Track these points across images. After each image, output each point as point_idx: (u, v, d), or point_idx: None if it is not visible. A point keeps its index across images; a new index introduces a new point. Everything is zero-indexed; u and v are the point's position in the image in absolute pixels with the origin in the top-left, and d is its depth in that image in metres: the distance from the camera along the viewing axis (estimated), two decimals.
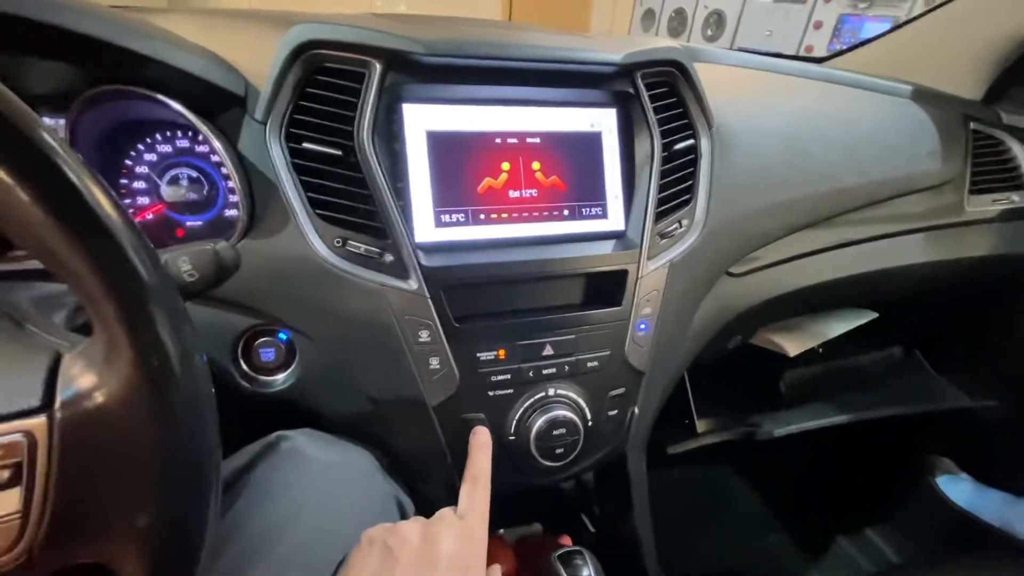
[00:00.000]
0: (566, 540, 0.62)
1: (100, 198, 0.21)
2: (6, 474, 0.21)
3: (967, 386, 0.96)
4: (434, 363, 0.48)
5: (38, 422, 0.21)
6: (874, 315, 0.93)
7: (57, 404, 0.21)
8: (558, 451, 0.51)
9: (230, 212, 0.52)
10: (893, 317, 0.95)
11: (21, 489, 0.21)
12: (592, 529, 0.72)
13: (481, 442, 0.48)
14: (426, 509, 0.49)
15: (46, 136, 0.20)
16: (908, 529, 1.00)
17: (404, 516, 0.47)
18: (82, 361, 0.22)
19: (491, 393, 0.51)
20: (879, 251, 0.74)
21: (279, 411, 0.49)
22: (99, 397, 0.21)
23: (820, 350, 0.91)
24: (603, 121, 0.55)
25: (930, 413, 0.95)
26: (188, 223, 0.52)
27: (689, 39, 3.28)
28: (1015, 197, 0.80)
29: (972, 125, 0.79)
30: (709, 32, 3.15)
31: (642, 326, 0.54)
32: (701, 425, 0.89)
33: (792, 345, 0.86)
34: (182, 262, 0.30)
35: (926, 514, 0.98)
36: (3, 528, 0.21)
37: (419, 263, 0.46)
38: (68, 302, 0.34)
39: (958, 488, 0.97)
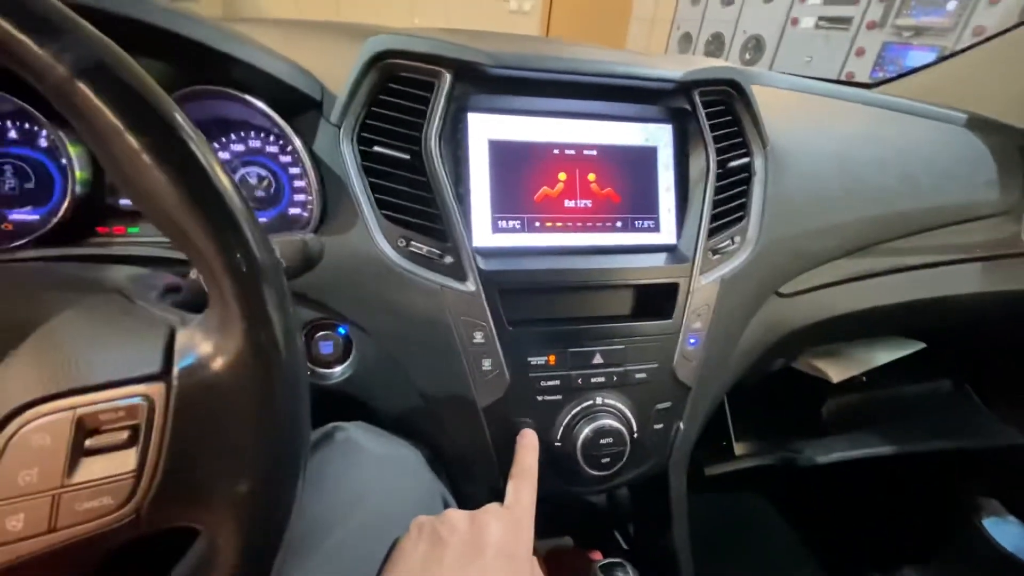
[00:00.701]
0: (596, 555, 0.62)
1: (228, 186, 0.22)
2: (125, 435, 0.23)
3: (1020, 423, 0.92)
4: (486, 364, 0.49)
5: (157, 387, 0.23)
6: (922, 345, 0.91)
7: (175, 372, 0.23)
8: (604, 460, 0.51)
9: (293, 210, 0.54)
10: (943, 348, 0.92)
11: (137, 450, 0.23)
12: (625, 546, 0.72)
13: (528, 443, 0.48)
14: (469, 508, 0.50)
15: (182, 121, 0.22)
16: (951, 571, 0.95)
17: None
18: (199, 333, 0.24)
19: (540, 398, 0.51)
20: (931, 279, 0.73)
21: (333, 403, 0.51)
22: (212, 367, 0.23)
23: (864, 378, 0.89)
24: (659, 136, 0.56)
25: (978, 450, 0.91)
26: None
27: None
28: None
29: None
30: (747, 56, 3.15)
31: (692, 340, 0.54)
32: (739, 448, 0.87)
33: (836, 371, 0.84)
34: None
35: (970, 556, 0.93)
36: (119, 486, 0.22)
37: (477, 266, 0.48)
38: (157, 284, 0.36)
39: (1005, 531, 0.93)
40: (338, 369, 0.51)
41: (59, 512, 0.22)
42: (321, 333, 0.50)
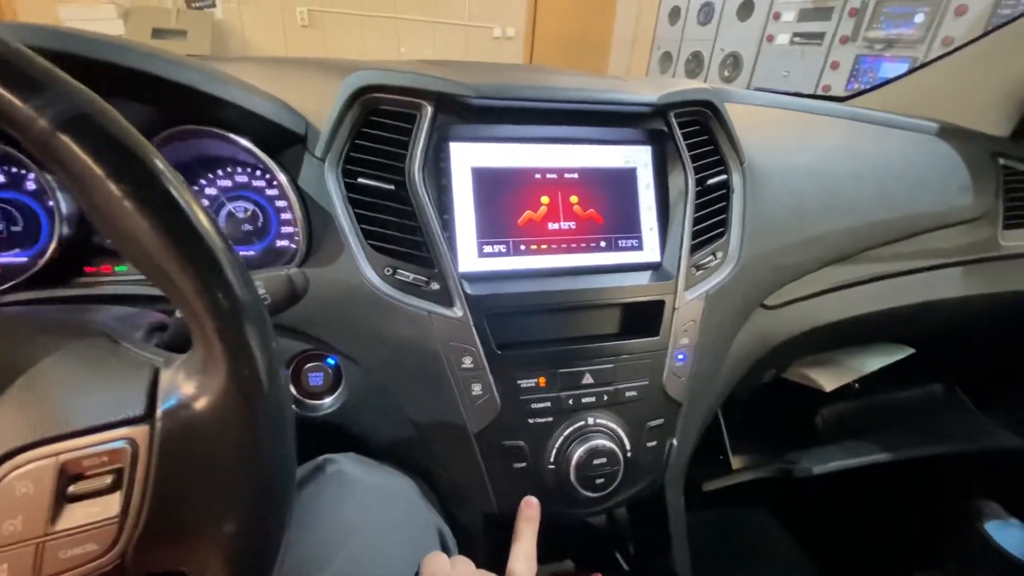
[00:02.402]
0: None
1: (208, 228, 0.23)
2: (109, 479, 0.23)
3: (1012, 425, 0.92)
4: (476, 389, 0.49)
5: (140, 430, 0.23)
6: (911, 350, 0.92)
7: (158, 414, 0.23)
8: (598, 481, 0.51)
9: (281, 243, 0.55)
10: (932, 353, 0.93)
11: (121, 494, 0.23)
12: (626, 567, 0.71)
13: (530, 516, 0.47)
14: (464, 536, 0.49)
15: (162, 166, 0.22)
16: (955, 575, 0.95)
17: (444, 544, 0.47)
18: (182, 373, 0.24)
19: (531, 421, 0.51)
20: (914, 285, 0.74)
21: (324, 435, 0.51)
22: (196, 407, 0.23)
23: (856, 385, 0.89)
24: (638, 157, 0.57)
25: (975, 453, 0.91)
26: (242, 253, 0.54)
27: (706, 80, 3.37)
28: None
29: (1001, 161, 0.80)
30: (726, 73, 3.23)
31: (680, 357, 0.55)
32: (736, 462, 0.87)
33: (827, 380, 0.85)
34: (257, 286, 0.32)
35: (973, 561, 0.93)
36: (103, 531, 0.22)
37: (463, 291, 0.48)
38: (143, 323, 0.36)
39: (1008, 534, 0.92)
40: (328, 400, 0.51)
41: (43, 561, 0.22)
42: (310, 364, 0.50)
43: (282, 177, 0.47)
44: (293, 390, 0.51)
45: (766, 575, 0.98)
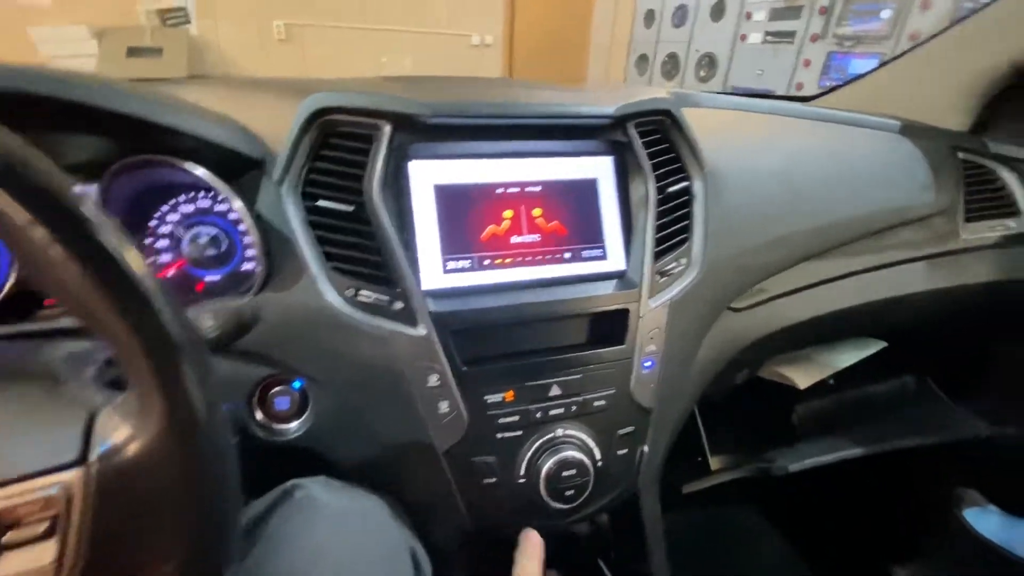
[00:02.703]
0: None
1: (136, 266, 0.23)
2: (43, 527, 0.22)
3: (985, 414, 0.94)
4: (443, 407, 0.49)
5: (75, 476, 0.23)
6: (883, 344, 0.93)
7: (93, 458, 0.23)
8: (568, 493, 0.51)
9: (247, 266, 0.55)
10: (903, 346, 0.95)
11: (56, 541, 0.22)
12: (608, 574, 0.71)
13: (531, 551, 0.49)
14: (439, 555, 0.49)
15: (89, 209, 0.22)
16: (937, 565, 0.96)
17: (417, 565, 0.47)
18: (116, 415, 0.24)
19: (500, 436, 0.51)
20: (880, 280, 0.75)
21: (293, 459, 0.50)
22: (132, 449, 0.23)
23: (831, 381, 0.91)
24: (599, 168, 0.58)
25: (951, 444, 0.93)
26: (207, 278, 0.54)
27: (683, 81, 3.40)
28: (1010, 223, 0.81)
29: (961, 155, 0.82)
30: (702, 73, 3.27)
31: (647, 363, 0.55)
32: (715, 462, 0.88)
33: (802, 377, 0.86)
34: (205, 318, 0.32)
35: (955, 549, 0.94)
36: None
37: (427, 309, 0.48)
38: (98, 358, 0.36)
39: (986, 520, 0.94)
40: (295, 424, 0.51)
41: None
42: (276, 389, 0.50)
43: (237, 204, 0.47)
44: (259, 415, 0.50)
45: (750, 574, 0.99)
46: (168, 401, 0.23)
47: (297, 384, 0.50)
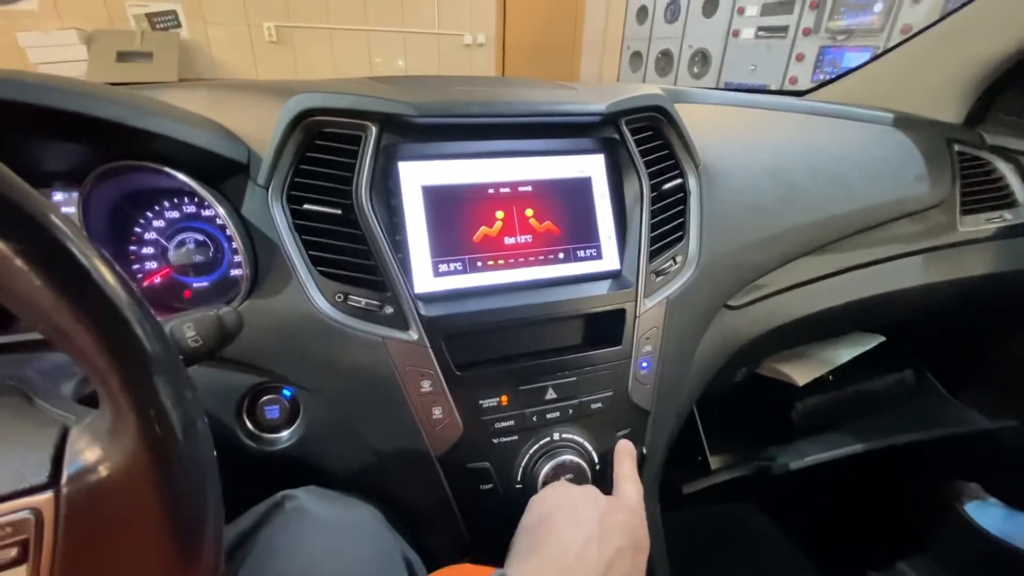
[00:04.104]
0: None
1: (107, 276, 0.22)
2: (13, 552, 0.21)
3: (985, 408, 0.94)
4: (437, 413, 0.48)
5: (45, 498, 0.22)
6: (881, 339, 0.93)
7: (63, 479, 0.22)
8: None
9: (235, 272, 0.54)
10: (901, 340, 0.94)
11: (28, 567, 0.21)
12: None
13: (625, 449, 0.53)
14: (432, 563, 0.48)
15: (54, 219, 0.21)
16: (939, 559, 0.96)
17: (412, 572, 0.46)
18: (88, 435, 0.23)
19: (495, 441, 0.50)
20: (878, 275, 0.75)
21: (284, 469, 0.49)
22: (104, 470, 0.22)
23: (830, 377, 0.90)
24: (592, 167, 0.57)
25: (951, 437, 0.92)
26: (194, 284, 0.53)
27: (676, 77, 3.40)
28: (1007, 215, 0.81)
29: (956, 147, 0.81)
30: (695, 70, 3.26)
31: (644, 364, 0.54)
32: (715, 461, 0.87)
33: (800, 374, 0.85)
34: (186, 328, 0.31)
35: (957, 542, 0.94)
36: None
37: (419, 313, 0.47)
38: (76, 372, 0.35)
39: (988, 514, 0.94)
40: (286, 433, 0.50)
41: None
42: (266, 397, 0.49)
43: (221, 209, 0.46)
44: (249, 425, 0.49)
45: (753, 572, 0.99)
46: (142, 418, 0.22)
47: (287, 392, 0.49)
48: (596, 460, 0.52)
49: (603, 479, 0.53)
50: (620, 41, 3.95)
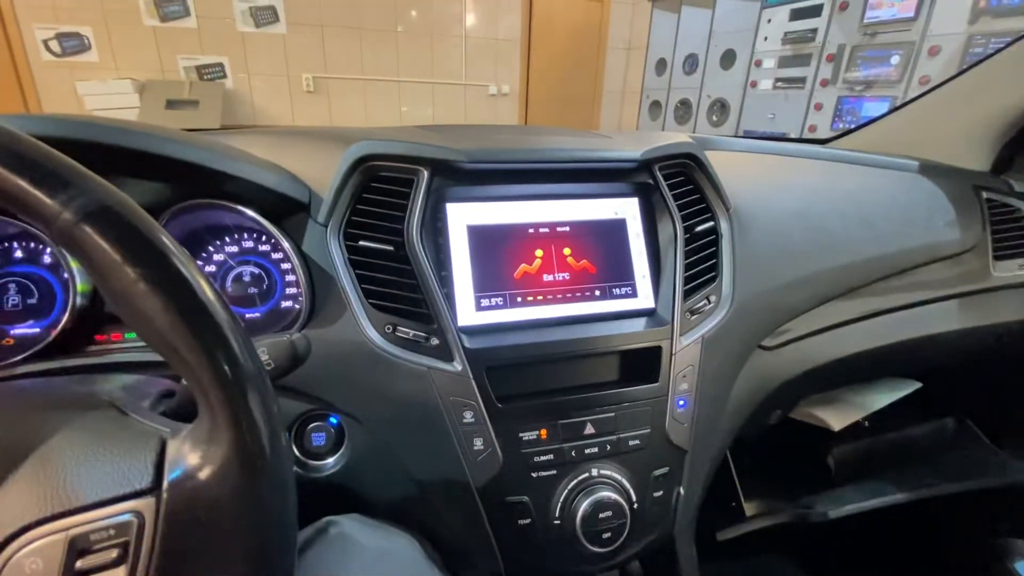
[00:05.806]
0: None
1: (214, 302, 0.24)
2: (114, 553, 0.23)
3: None
4: (478, 443, 0.49)
5: (147, 502, 0.24)
6: (917, 385, 0.91)
7: (164, 485, 0.24)
8: (605, 536, 0.50)
9: (285, 304, 0.57)
10: (940, 386, 0.92)
11: (127, 567, 0.23)
12: None
13: None
14: None
15: (177, 251, 0.24)
16: None
17: None
18: (188, 444, 0.25)
19: (534, 474, 0.51)
20: (911, 319, 0.74)
21: (327, 496, 0.50)
22: (201, 477, 0.24)
23: (866, 423, 0.88)
24: (627, 209, 0.59)
25: (997, 489, 0.89)
26: (247, 315, 0.56)
27: (695, 126, 3.49)
28: None
29: (985, 195, 0.82)
30: (714, 118, 3.35)
31: (681, 402, 0.55)
32: (749, 508, 0.85)
33: (835, 419, 0.84)
34: (260, 352, 0.34)
35: None
36: None
37: (462, 345, 0.49)
38: (150, 391, 0.37)
39: None
40: (331, 460, 0.51)
41: None
42: (313, 425, 0.51)
43: (286, 244, 0.49)
44: (296, 452, 0.51)
45: None
46: (235, 429, 0.24)
47: (334, 420, 0.51)
48: (634, 498, 0.52)
49: (641, 517, 0.53)
50: (639, 91, 4.09)
